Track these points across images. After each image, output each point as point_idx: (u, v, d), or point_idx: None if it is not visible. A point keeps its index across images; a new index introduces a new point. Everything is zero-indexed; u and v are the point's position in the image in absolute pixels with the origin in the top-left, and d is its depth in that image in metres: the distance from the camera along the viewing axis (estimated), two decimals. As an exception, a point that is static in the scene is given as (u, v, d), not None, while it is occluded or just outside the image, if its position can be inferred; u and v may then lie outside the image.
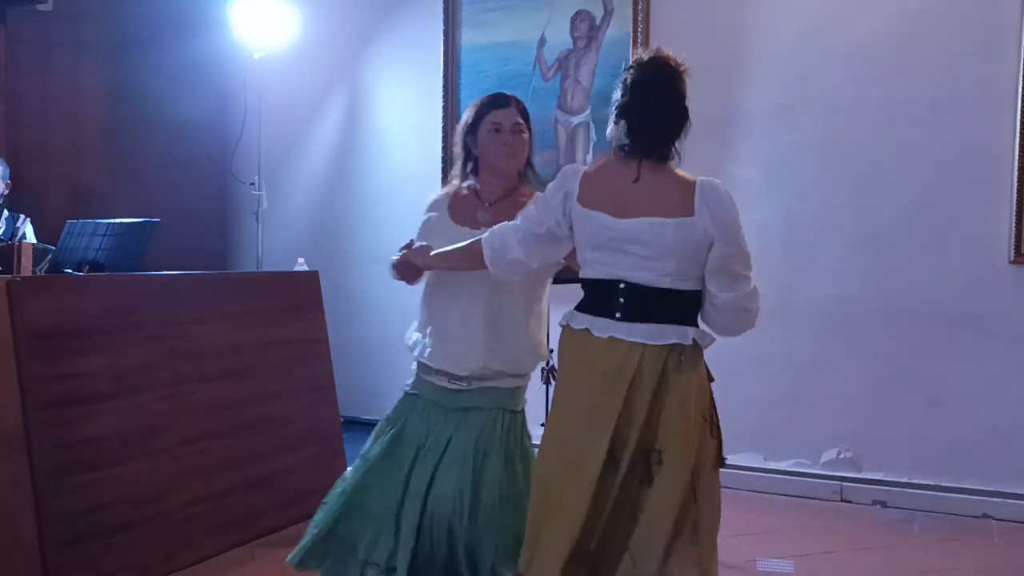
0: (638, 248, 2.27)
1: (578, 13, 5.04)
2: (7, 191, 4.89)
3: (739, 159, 4.74)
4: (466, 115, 2.66)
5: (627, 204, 2.28)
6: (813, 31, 4.58)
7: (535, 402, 3.06)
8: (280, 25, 5.33)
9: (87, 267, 4.08)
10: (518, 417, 2.61)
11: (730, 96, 4.74)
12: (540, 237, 2.36)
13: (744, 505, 4.47)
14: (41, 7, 5.56)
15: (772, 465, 4.69)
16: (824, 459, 4.60)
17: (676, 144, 2.39)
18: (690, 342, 2.32)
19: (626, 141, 2.34)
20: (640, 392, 2.26)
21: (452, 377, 2.56)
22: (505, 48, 5.20)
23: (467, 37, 5.30)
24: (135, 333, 3.39)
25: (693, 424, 2.30)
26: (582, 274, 2.38)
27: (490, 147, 2.60)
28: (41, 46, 5.64)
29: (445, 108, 5.36)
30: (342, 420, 4.47)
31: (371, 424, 5.49)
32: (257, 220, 5.44)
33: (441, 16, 5.35)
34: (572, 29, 5.05)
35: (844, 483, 4.54)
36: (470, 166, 2.65)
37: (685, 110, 2.41)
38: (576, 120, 5.06)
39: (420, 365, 2.64)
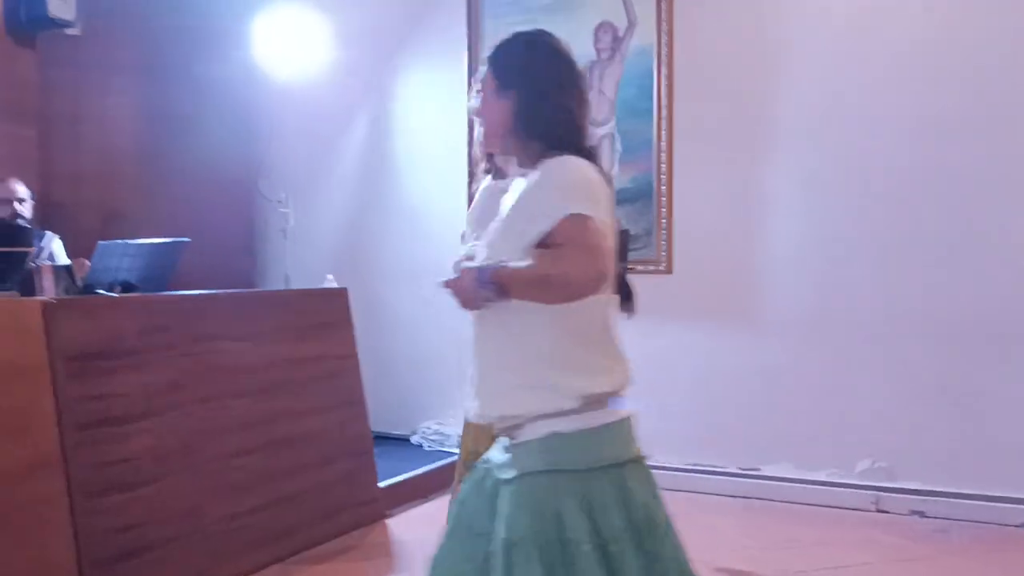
0: None
1: (601, 25, 5.04)
2: (27, 218, 4.91)
3: (768, 170, 4.71)
4: None
5: None
6: (842, 39, 4.54)
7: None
8: (306, 46, 5.37)
9: (119, 287, 4.12)
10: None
11: (755, 105, 4.71)
12: None
13: (777, 516, 4.43)
14: (70, 31, 5.64)
15: (806, 475, 4.63)
16: (859, 469, 4.54)
17: None
18: None
19: None
20: None
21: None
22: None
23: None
24: (167, 352, 3.42)
25: None
26: None
27: None
28: (71, 69, 5.72)
29: (470, 123, 5.37)
30: (373, 436, 4.48)
31: (401, 439, 5.56)
32: (285, 237, 5.46)
33: (464, 31, 5.38)
34: (595, 41, 5.05)
35: (880, 493, 4.48)
36: None
37: None
38: (601, 131, 5.06)
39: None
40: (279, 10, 5.41)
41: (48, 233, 4.94)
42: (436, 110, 5.54)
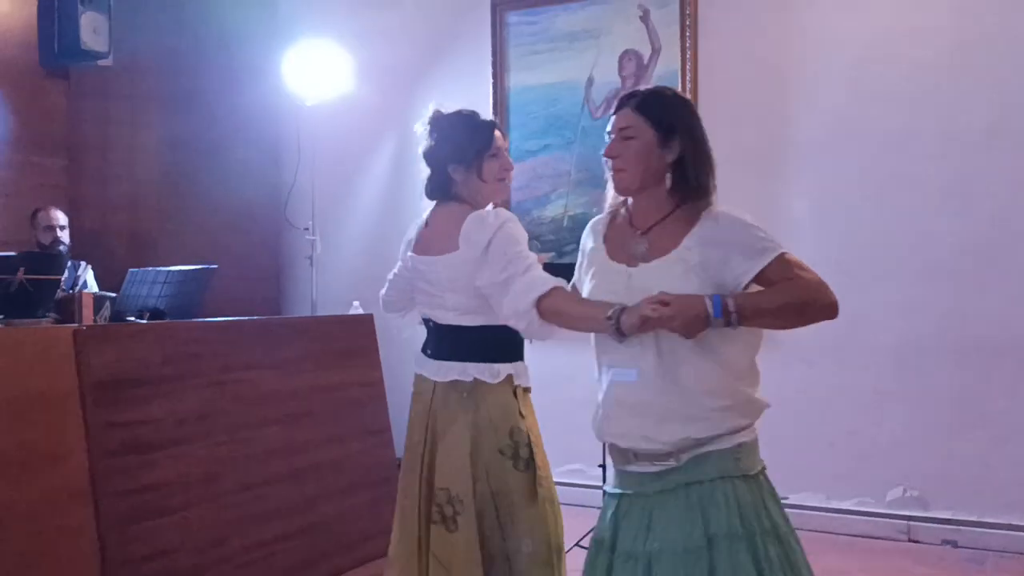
0: (426, 286, 2.44)
1: (626, 52, 5.06)
2: (67, 244, 5.00)
3: (790, 192, 4.69)
4: None
5: (423, 245, 2.47)
6: (863, 61, 4.54)
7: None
8: (331, 74, 5.42)
9: (148, 314, 4.16)
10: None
11: (779, 129, 4.71)
12: (399, 289, 2.64)
13: (807, 545, 4.33)
14: (102, 63, 5.74)
15: (835, 504, 4.58)
16: (890, 497, 4.48)
17: (447, 183, 2.45)
18: (470, 379, 2.35)
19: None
20: (429, 432, 2.39)
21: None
22: (553, 89, 5.23)
23: (515, 79, 5.34)
24: (195, 380, 3.44)
25: (478, 460, 2.33)
26: None
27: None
28: (101, 100, 5.80)
29: (494, 150, 5.40)
30: (399, 463, 4.46)
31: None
32: (311, 264, 5.50)
33: (489, 60, 5.41)
34: (620, 68, 5.07)
35: (911, 522, 4.42)
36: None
37: (448, 150, 2.45)
38: (625, 158, 5.06)
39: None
40: (306, 42, 5.47)
41: (82, 263, 5.01)
42: (461, 138, 5.57)
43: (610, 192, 2.06)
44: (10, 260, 3.88)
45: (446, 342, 2.40)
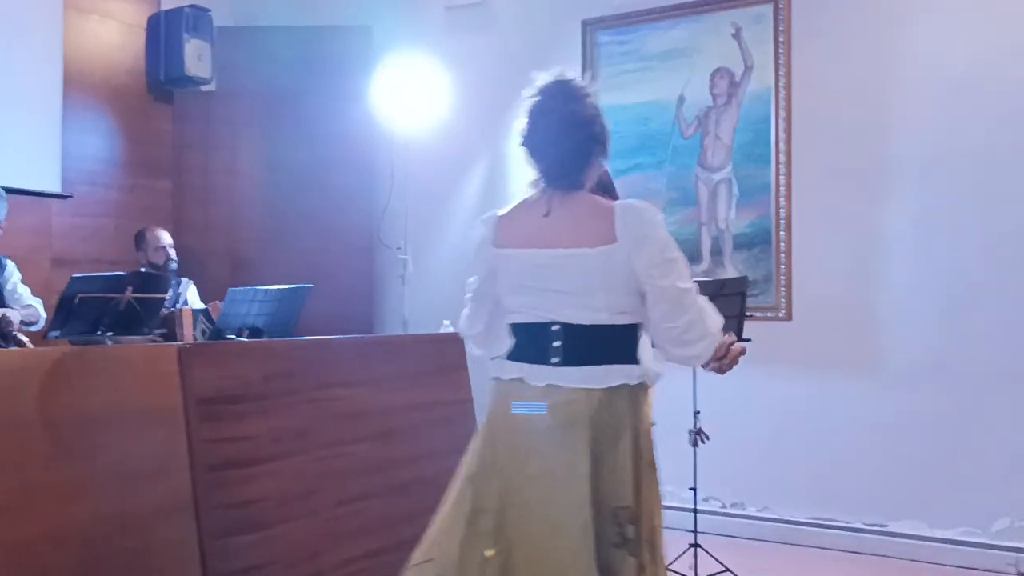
0: (562, 284, 2.12)
1: (717, 70, 5.02)
2: (177, 262, 5.20)
3: (889, 212, 4.57)
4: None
5: (542, 239, 2.17)
6: (963, 78, 4.40)
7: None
8: (424, 98, 5.53)
9: (247, 332, 4.28)
10: None
11: (877, 147, 4.60)
12: (482, 294, 2.29)
13: (907, 575, 4.23)
14: (204, 88, 5.97)
15: (938, 534, 4.41)
16: (996, 528, 4.30)
17: (588, 169, 2.24)
18: (636, 381, 2.14)
19: (535, 175, 2.24)
20: (595, 443, 2.07)
21: None
22: (644, 108, 5.22)
23: (606, 99, 5.32)
24: (292, 397, 3.52)
25: (646, 471, 2.13)
26: (508, 320, 2.24)
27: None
28: (203, 124, 6.04)
29: (584, 169, 5.41)
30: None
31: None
32: (404, 284, 5.60)
33: (580, 80, 5.42)
34: (712, 86, 5.03)
35: (1020, 555, 4.23)
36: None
37: (591, 133, 2.23)
38: (717, 177, 5.01)
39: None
40: (399, 67, 5.59)
41: (184, 280, 5.20)
42: (551, 157, 5.59)
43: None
44: (119, 280, 4.04)
45: (593, 345, 2.12)
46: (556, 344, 2.12)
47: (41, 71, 5.25)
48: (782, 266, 4.80)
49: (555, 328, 2.13)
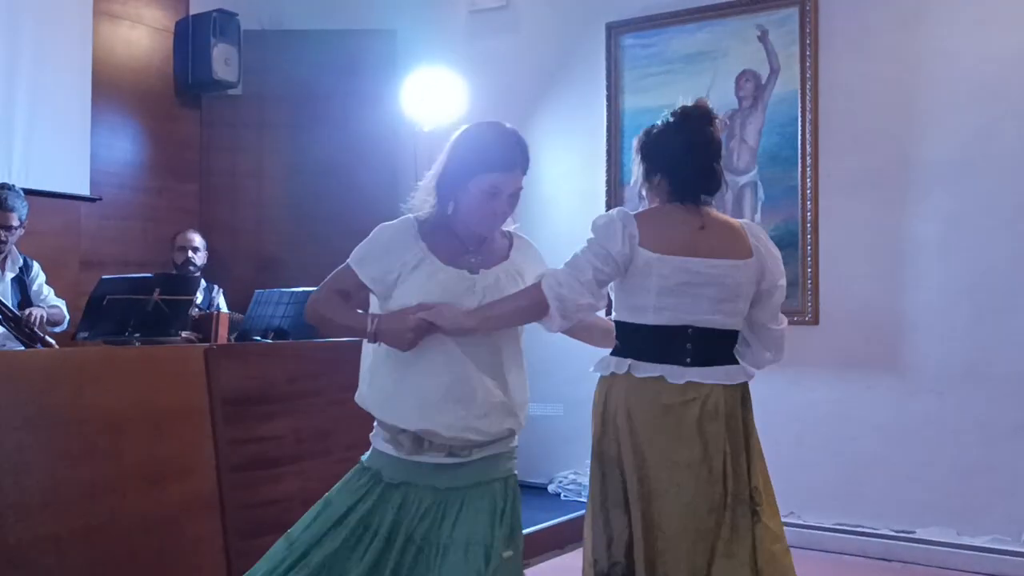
0: (713, 291, 2.34)
1: (743, 73, 4.99)
2: (205, 262, 5.25)
3: (917, 216, 4.52)
4: (458, 156, 2.43)
5: (699, 248, 2.35)
6: (993, 80, 4.35)
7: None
8: (447, 100, 5.54)
9: (272, 333, 4.31)
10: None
11: (905, 150, 4.55)
12: (603, 281, 2.41)
13: (937, 583, 4.18)
14: (231, 92, 6.02)
15: (967, 540, 4.36)
16: (1026, 535, 4.25)
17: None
18: (747, 378, 2.44)
19: (673, 190, 2.43)
20: (730, 435, 2.34)
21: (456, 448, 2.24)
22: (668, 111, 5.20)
23: (630, 102, 5.34)
24: (316, 398, 3.54)
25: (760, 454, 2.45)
26: (638, 319, 2.39)
27: (476, 210, 2.36)
28: (230, 127, 6.09)
29: (608, 174, 5.40)
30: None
31: (538, 488, 5.55)
32: (427, 286, 5.59)
33: (604, 83, 5.42)
34: (737, 89, 5.00)
35: (1051, 562, 4.17)
36: (450, 207, 2.40)
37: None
38: (743, 180, 4.99)
39: (404, 442, 2.31)
40: (423, 69, 5.62)
41: (215, 286, 5.24)
42: (574, 161, 5.59)
43: (429, 204, 2.47)
44: (147, 281, 4.08)
45: (717, 347, 2.39)
46: (688, 346, 2.35)
47: (71, 76, 5.32)
48: (808, 270, 4.77)
49: (690, 331, 2.35)
